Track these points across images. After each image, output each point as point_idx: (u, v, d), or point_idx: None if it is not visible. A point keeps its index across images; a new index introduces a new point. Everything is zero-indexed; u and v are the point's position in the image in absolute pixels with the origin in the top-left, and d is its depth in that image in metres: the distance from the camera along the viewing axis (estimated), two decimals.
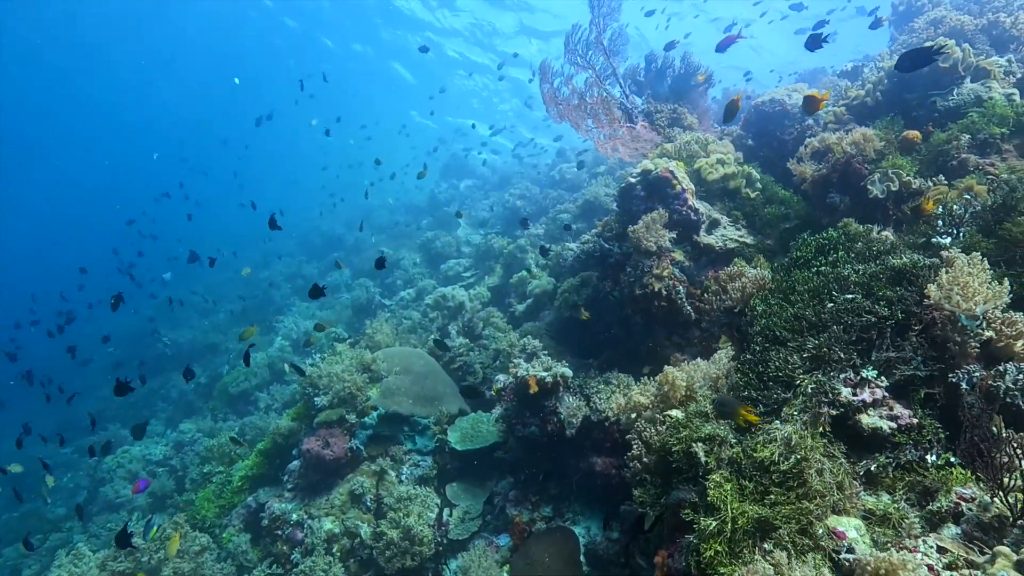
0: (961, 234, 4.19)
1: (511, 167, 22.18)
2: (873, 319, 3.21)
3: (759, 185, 6.58)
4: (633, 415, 3.58)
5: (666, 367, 3.57)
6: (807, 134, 7.61)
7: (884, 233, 4.33)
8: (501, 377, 6.67)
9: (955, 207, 4.24)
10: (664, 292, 6.00)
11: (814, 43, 5.03)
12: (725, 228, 6.30)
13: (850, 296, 3.37)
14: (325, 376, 6.93)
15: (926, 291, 3.06)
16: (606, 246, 6.58)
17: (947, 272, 3.07)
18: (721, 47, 7.40)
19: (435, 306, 9.60)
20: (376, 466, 6.82)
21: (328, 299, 15.53)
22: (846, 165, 5.78)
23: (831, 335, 3.18)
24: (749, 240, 6.25)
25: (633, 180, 6.24)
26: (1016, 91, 5.58)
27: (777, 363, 3.16)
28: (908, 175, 5.40)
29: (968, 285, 2.96)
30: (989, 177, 5.13)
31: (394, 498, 6.44)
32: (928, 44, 5.91)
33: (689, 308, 6.01)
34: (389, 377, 7.25)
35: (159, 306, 18.22)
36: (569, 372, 5.91)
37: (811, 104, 4.76)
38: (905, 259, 3.42)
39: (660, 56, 8.05)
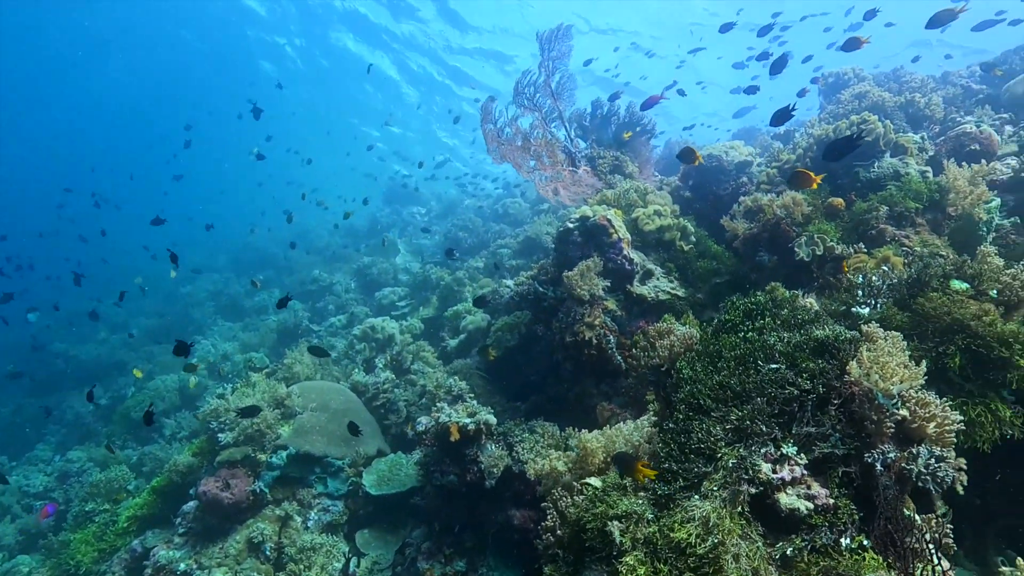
0: (879, 305, 4.28)
1: (456, 197, 22.05)
2: (796, 392, 3.16)
3: (693, 239, 6.66)
4: (550, 482, 3.37)
5: (583, 435, 3.39)
6: (741, 191, 7.85)
7: (808, 299, 4.37)
8: (424, 419, 6.34)
9: (874, 278, 4.34)
10: (595, 341, 5.90)
11: (780, 119, 5.14)
12: (658, 279, 6.30)
13: (774, 366, 3.32)
14: (233, 410, 6.38)
15: (847, 368, 3.04)
16: (540, 289, 6.45)
17: (868, 350, 3.06)
18: (646, 105, 7.63)
19: (363, 337, 9.17)
20: (281, 511, 6.29)
21: (253, 320, 14.71)
22: (775, 226, 5.92)
23: (754, 407, 3.10)
24: (681, 293, 6.27)
25: (571, 225, 6.18)
26: (929, 168, 5.90)
27: (699, 435, 3.04)
28: (832, 240, 5.57)
29: (887, 365, 2.95)
30: (904, 249, 5.35)
31: (297, 547, 5.93)
32: (851, 128, 6.19)
33: (619, 358, 5.93)
34: (304, 414, 6.76)
35: (59, 319, 16.69)
36: (493, 419, 5.67)
37: (803, 180, 4.78)
38: (828, 331, 3.42)
39: (606, 103, 8.17)
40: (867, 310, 4.30)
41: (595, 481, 3.06)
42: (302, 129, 35.78)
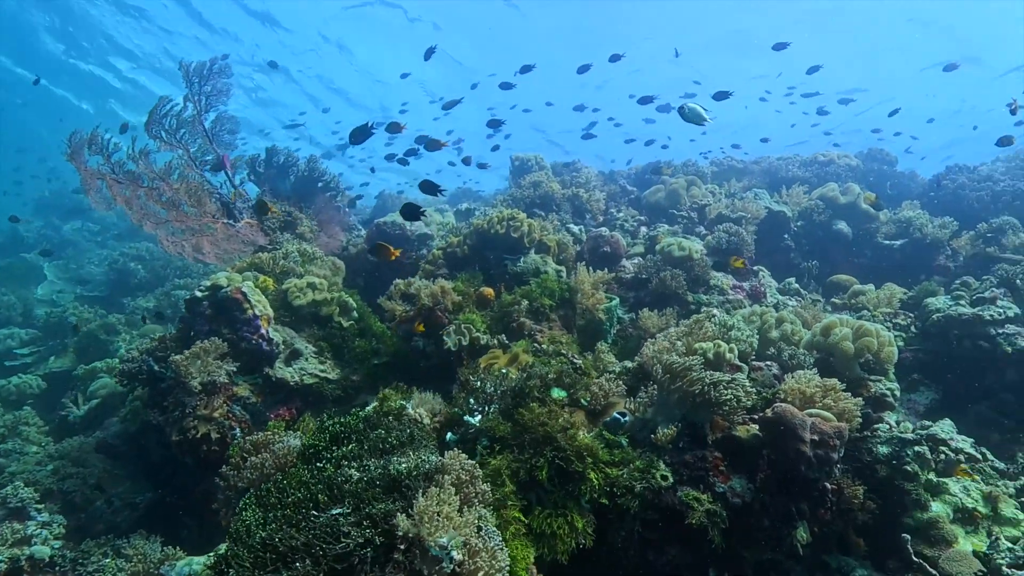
0: (489, 413, 4.31)
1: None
2: (351, 545, 2.78)
3: (356, 314, 6.25)
4: None
5: None
6: (421, 263, 7.82)
7: (420, 410, 4.21)
8: None
9: (488, 386, 4.39)
10: (215, 435, 4.98)
11: (409, 216, 4.97)
12: (307, 360, 5.69)
13: (337, 511, 2.91)
14: None
15: (396, 520, 2.77)
16: (156, 369, 5.28)
17: (423, 498, 2.84)
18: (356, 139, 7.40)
19: None
20: None
21: None
22: (430, 312, 5.84)
23: (297, 573, 2.61)
24: (332, 375, 5.76)
25: (200, 294, 5.22)
26: (564, 268, 6.53)
27: None
28: (478, 331, 5.67)
29: (437, 514, 2.76)
30: (535, 345, 5.70)
31: None
32: (502, 223, 6.54)
33: None
34: None
35: None
36: (46, 552, 4.29)
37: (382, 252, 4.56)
38: (403, 466, 3.17)
39: (284, 152, 7.42)
40: (478, 418, 4.30)
41: None
42: None
